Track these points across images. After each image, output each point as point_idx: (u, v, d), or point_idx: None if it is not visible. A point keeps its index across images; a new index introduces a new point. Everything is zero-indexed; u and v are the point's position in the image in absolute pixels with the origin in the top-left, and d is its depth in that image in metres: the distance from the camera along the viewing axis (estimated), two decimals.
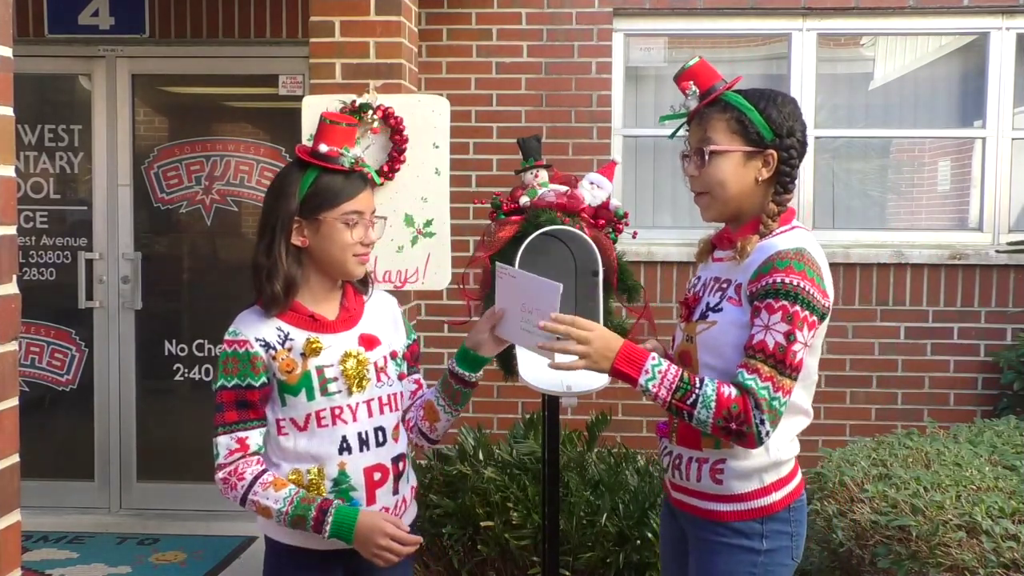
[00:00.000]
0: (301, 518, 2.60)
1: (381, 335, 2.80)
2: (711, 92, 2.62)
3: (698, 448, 2.60)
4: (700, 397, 2.43)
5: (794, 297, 2.43)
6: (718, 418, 2.42)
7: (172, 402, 6.37)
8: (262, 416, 2.69)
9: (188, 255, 6.41)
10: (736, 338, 2.50)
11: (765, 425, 2.41)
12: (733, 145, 2.57)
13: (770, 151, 2.57)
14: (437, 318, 5.82)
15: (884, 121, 6.27)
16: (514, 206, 3.70)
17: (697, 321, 2.61)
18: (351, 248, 2.70)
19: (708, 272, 2.70)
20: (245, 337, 2.68)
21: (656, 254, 5.96)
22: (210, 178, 6.26)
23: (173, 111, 6.43)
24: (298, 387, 2.66)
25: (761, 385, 2.41)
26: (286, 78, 6.15)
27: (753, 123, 2.56)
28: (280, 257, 2.68)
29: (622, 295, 3.69)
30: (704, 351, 2.57)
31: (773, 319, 2.43)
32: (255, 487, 2.64)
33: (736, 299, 2.53)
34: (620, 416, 5.87)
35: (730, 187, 2.58)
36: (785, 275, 2.45)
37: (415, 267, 4.14)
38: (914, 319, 5.93)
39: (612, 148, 6.03)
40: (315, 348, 2.68)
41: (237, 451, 2.66)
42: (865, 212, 6.24)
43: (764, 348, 2.42)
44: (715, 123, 2.59)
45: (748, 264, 2.53)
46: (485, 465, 4.61)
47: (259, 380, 2.67)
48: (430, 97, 4.30)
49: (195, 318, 6.39)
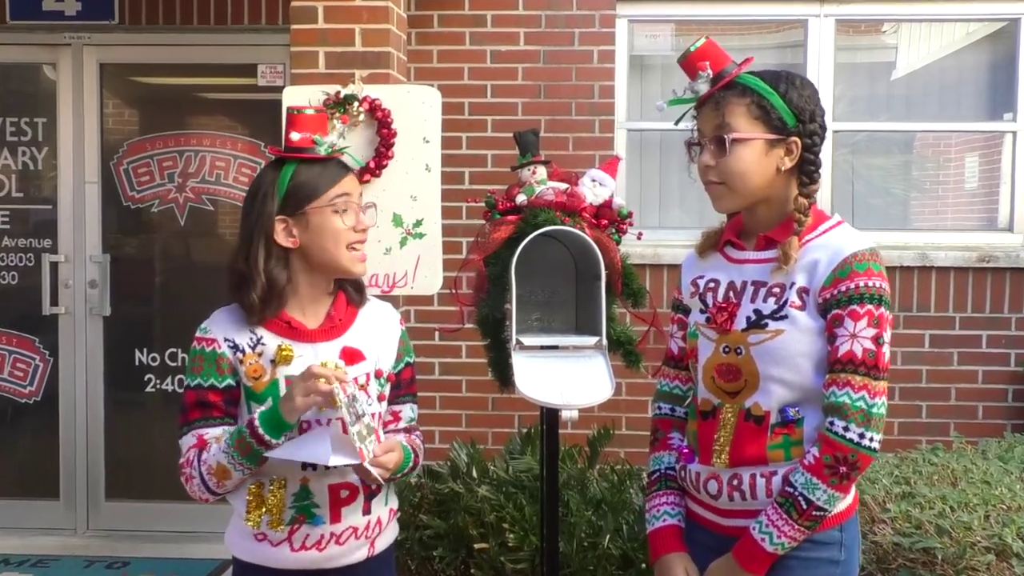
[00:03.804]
0: (241, 444, 2.59)
1: (368, 350, 2.79)
2: (724, 74, 2.60)
3: (763, 462, 2.54)
4: (803, 491, 2.44)
5: (878, 300, 2.46)
6: (832, 479, 2.43)
7: (143, 415, 6.36)
8: (226, 415, 2.71)
9: (160, 257, 6.39)
10: (809, 346, 2.50)
11: (868, 437, 2.43)
12: (755, 132, 2.55)
13: (793, 138, 2.56)
14: (427, 325, 5.81)
15: (907, 114, 6.27)
16: (510, 205, 3.69)
17: (749, 330, 2.55)
18: (345, 236, 2.71)
19: (737, 274, 2.64)
20: (214, 336, 2.73)
21: (663, 256, 5.95)
22: (184, 175, 6.24)
23: (144, 103, 6.42)
24: (264, 395, 2.67)
25: (855, 397, 2.42)
26: (265, 68, 6.14)
27: (775, 108, 2.55)
28: (256, 262, 2.69)
29: (626, 300, 3.69)
30: (769, 363, 2.53)
31: (859, 326, 2.44)
32: (202, 461, 2.66)
33: (800, 304, 2.51)
34: (624, 430, 5.87)
35: (751, 178, 2.56)
36: (867, 278, 2.46)
37: (404, 270, 4.14)
38: (939, 326, 5.93)
39: (615, 143, 6.03)
40: (286, 356, 2.69)
41: (194, 447, 2.70)
42: (887, 211, 6.24)
43: (853, 358, 2.44)
44: (734, 108, 2.56)
45: (806, 266, 2.52)
46: (479, 483, 4.61)
47: (223, 382, 2.70)
48: (420, 88, 4.30)
49: (168, 325, 6.38)
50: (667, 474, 2.79)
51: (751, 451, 2.55)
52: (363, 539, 2.77)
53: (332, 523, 2.71)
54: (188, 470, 2.70)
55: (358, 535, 2.76)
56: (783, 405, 2.53)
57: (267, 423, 2.57)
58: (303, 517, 2.70)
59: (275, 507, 2.68)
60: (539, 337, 3.50)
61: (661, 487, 2.79)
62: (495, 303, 3.58)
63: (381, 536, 2.84)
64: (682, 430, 2.82)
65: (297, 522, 2.70)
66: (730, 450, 2.58)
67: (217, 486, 2.68)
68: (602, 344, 3.41)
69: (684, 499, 2.76)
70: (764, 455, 2.54)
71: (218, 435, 2.68)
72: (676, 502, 2.76)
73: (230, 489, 2.70)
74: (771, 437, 2.53)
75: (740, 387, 2.56)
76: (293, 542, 2.71)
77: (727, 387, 2.59)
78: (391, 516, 2.88)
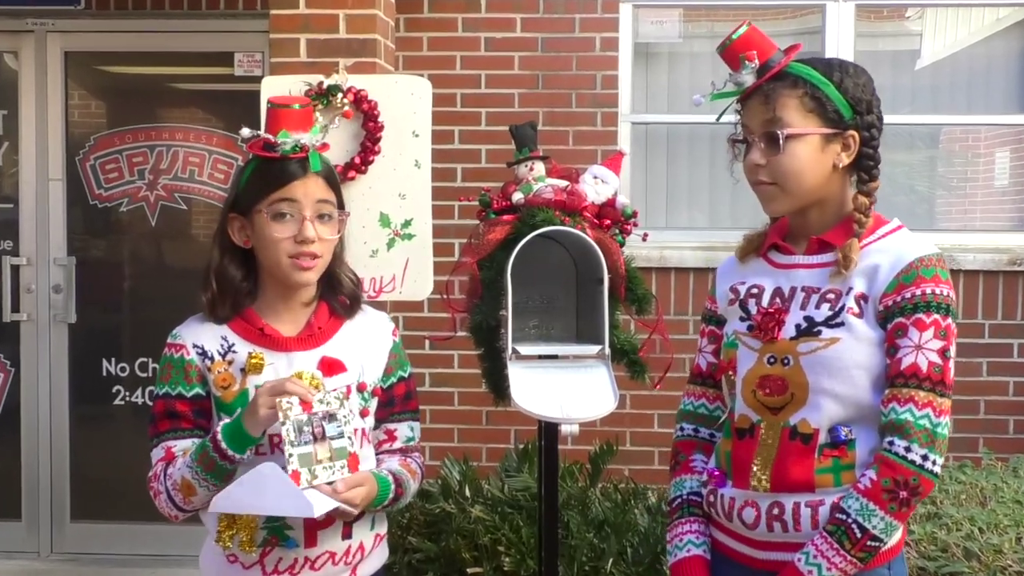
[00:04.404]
0: (204, 459, 2.59)
1: (350, 361, 2.78)
2: (771, 64, 2.55)
3: (808, 487, 2.47)
4: (857, 517, 2.37)
5: (946, 309, 2.42)
6: (891, 505, 2.37)
7: (111, 429, 6.35)
8: (195, 426, 2.72)
9: (130, 260, 6.40)
10: (866, 358, 2.45)
11: (931, 460, 2.38)
12: (809, 127, 2.50)
13: (851, 132, 2.53)
14: (417, 333, 5.81)
15: (933, 106, 6.28)
16: (506, 204, 3.69)
17: (799, 338, 2.50)
18: (282, 247, 2.68)
19: (784, 279, 2.59)
20: (183, 342, 2.75)
21: (670, 259, 5.95)
22: (155, 171, 6.25)
23: (113, 95, 6.42)
24: (233, 406, 2.67)
25: (919, 415, 2.37)
26: (243, 56, 6.15)
27: (830, 99, 2.51)
28: (211, 259, 2.76)
29: (631, 306, 3.68)
30: (821, 375, 2.47)
31: (925, 336, 2.40)
32: (168, 475, 2.68)
33: (858, 311, 2.46)
34: (628, 446, 5.87)
35: (808, 177, 2.51)
36: (935, 285, 2.42)
37: (391, 274, 4.14)
38: (967, 334, 5.92)
39: (619, 137, 6.04)
40: (256, 364, 2.69)
41: (162, 460, 2.72)
42: (911, 210, 6.24)
43: (917, 372, 2.39)
44: (786, 101, 2.51)
45: (865, 271, 2.47)
46: (472, 503, 4.61)
47: (191, 391, 2.71)
48: (409, 78, 4.30)
49: (138, 333, 6.38)
50: (690, 500, 2.72)
51: (796, 474, 2.47)
52: (342, 565, 2.75)
53: (307, 547, 2.69)
54: (156, 484, 2.71)
55: (336, 561, 2.74)
56: (834, 423, 2.47)
57: (230, 436, 2.57)
58: (275, 539, 2.68)
59: (246, 527, 2.66)
60: (537, 346, 3.50)
61: (684, 514, 2.72)
62: (489, 309, 3.57)
63: (365, 562, 2.82)
64: (706, 452, 2.76)
65: (269, 544, 2.68)
66: (771, 472, 2.51)
67: (184, 502, 2.69)
68: (605, 353, 3.41)
69: (709, 527, 2.70)
70: (811, 479, 2.46)
71: (186, 448, 2.69)
72: (701, 531, 2.69)
73: (198, 506, 2.70)
74: (819, 459, 2.46)
75: (785, 401, 2.50)
76: (266, 565, 2.70)
77: (770, 401, 2.52)
78: (377, 542, 2.86)
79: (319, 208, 2.72)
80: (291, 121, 2.76)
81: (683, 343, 4.91)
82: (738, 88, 2.59)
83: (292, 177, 2.70)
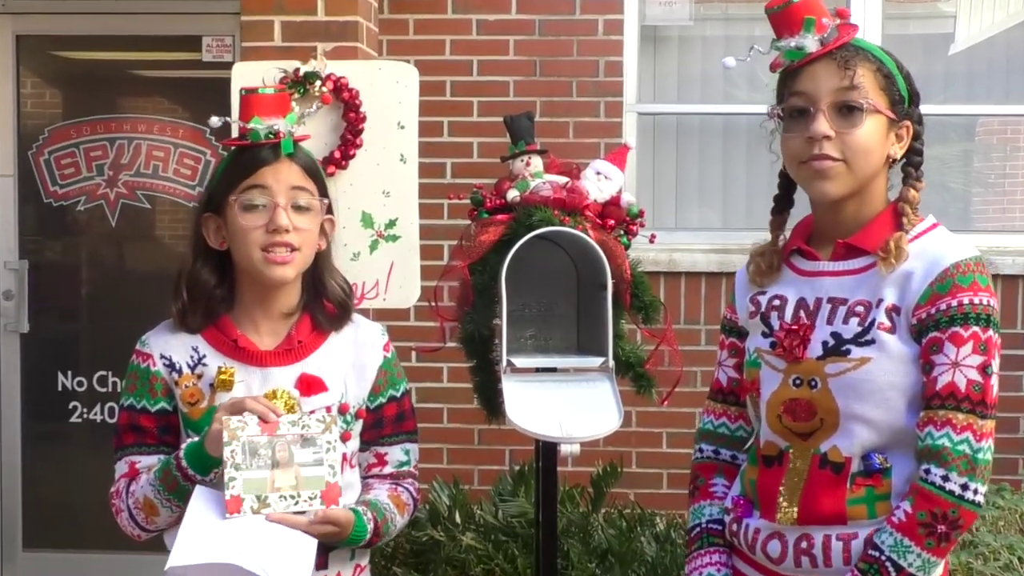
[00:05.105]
0: (168, 479, 2.61)
1: (331, 380, 2.79)
2: (832, 35, 2.49)
3: (840, 520, 2.45)
4: (891, 554, 2.35)
5: (986, 320, 2.40)
6: (928, 540, 2.34)
7: (67, 449, 6.35)
8: (161, 443, 2.74)
9: (88, 264, 6.40)
10: (901, 377, 2.43)
11: (972, 489, 2.34)
12: (882, 104, 2.47)
13: (906, 122, 2.52)
14: (402, 344, 5.78)
15: (968, 95, 6.29)
16: (500, 202, 3.70)
17: (826, 358, 2.48)
18: (253, 237, 2.67)
19: (808, 289, 2.56)
20: (150, 351, 2.77)
21: (680, 263, 5.96)
22: (115, 167, 6.24)
23: (69, 82, 6.43)
24: (201, 424, 2.68)
25: (958, 439, 2.34)
26: (212, 40, 6.15)
27: (897, 83, 2.50)
28: (183, 264, 2.77)
29: (637, 315, 3.69)
30: (851, 399, 2.44)
31: (963, 352, 2.37)
32: (131, 492, 2.70)
33: (889, 326, 2.43)
34: (634, 468, 5.87)
35: (874, 159, 2.47)
36: (973, 294, 2.39)
37: (375, 279, 4.13)
38: (1007, 344, 5.87)
39: (624, 128, 6.05)
40: (225, 381, 2.70)
41: (125, 475, 2.74)
42: (944, 209, 6.24)
43: (955, 392, 2.36)
44: (864, 71, 2.47)
45: (897, 279, 2.44)
46: (463, 530, 4.61)
47: (156, 405, 2.74)
48: (394, 64, 4.30)
49: (96, 344, 6.38)
50: (710, 528, 2.71)
51: (827, 505, 2.45)
52: None
53: None
54: (117, 501, 2.74)
55: None
56: (867, 450, 2.44)
57: (192, 457, 2.59)
58: None
59: None
60: (534, 358, 3.50)
61: (704, 544, 2.70)
62: (482, 318, 3.58)
63: None
64: (728, 476, 2.74)
65: None
66: (800, 503, 2.49)
67: (146, 522, 2.71)
68: (608, 366, 3.41)
69: (732, 558, 2.68)
70: (843, 511, 2.44)
71: (151, 464, 2.70)
72: (723, 562, 2.67)
73: (161, 527, 2.72)
74: (851, 489, 2.44)
75: (814, 427, 2.48)
76: None
77: (798, 427, 2.50)
78: (357, 573, 2.86)
79: (294, 196, 2.71)
80: (264, 107, 2.76)
81: (694, 355, 4.93)
82: (799, 52, 2.51)
83: (262, 163, 2.70)
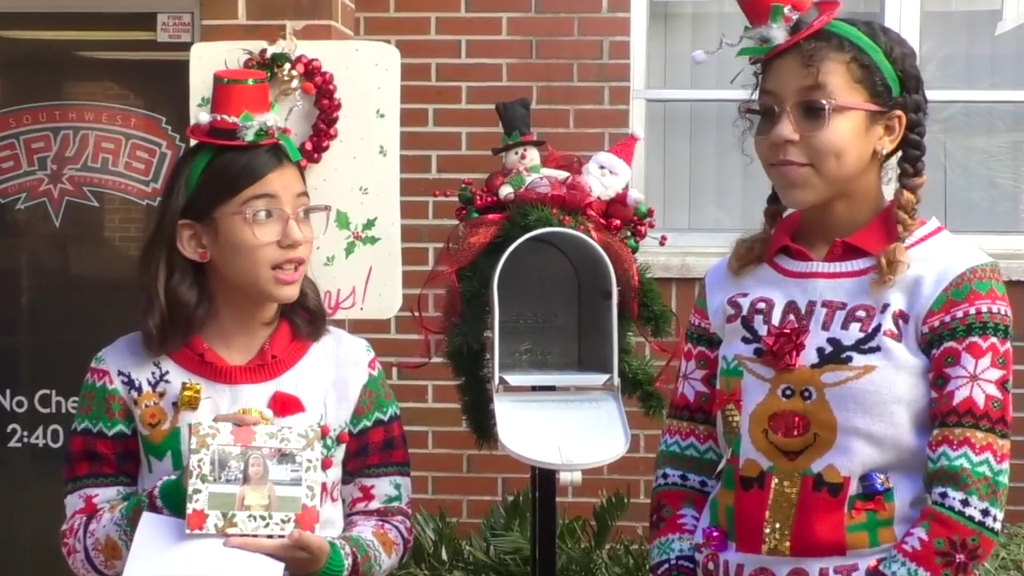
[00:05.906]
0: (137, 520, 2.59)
1: (309, 400, 2.78)
2: (807, 20, 2.51)
3: (838, 549, 2.46)
4: None
5: (1004, 331, 2.44)
6: (944, 571, 2.34)
7: (6, 477, 6.34)
8: (120, 472, 2.74)
9: (28, 269, 6.39)
10: (908, 390, 2.44)
11: (992, 515, 2.37)
12: (855, 100, 2.49)
13: (897, 112, 2.53)
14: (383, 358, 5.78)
15: (1018, 79, 6.29)
16: (492, 200, 3.70)
17: (823, 366, 2.49)
18: (263, 254, 2.67)
19: (799, 291, 2.58)
20: (107, 367, 2.76)
21: (693, 267, 5.95)
22: (59, 160, 6.22)
23: (8, 65, 6.42)
24: (163, 448, 2.68)
25: (977, 460, 2.36)
26: (167, 18, 6.13)
27: (879, 70, 2.51)
28: (156, 277, 2.71)
29: (645, 326, 3.69)
30: (852, 411, 2.45)
31: (982, 364, 2.40)
32: (89, 532, 2.68)
33: (896, 333, 2.46)
34: (642, 498, 5.84)
35: (848, 160, 2.49)
36: (991, 302, 2.44)
37: (351, 286, 4.13)
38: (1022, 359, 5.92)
39: (631, 117, 6.05)
40: (190, 397, 2.68)
41: (81, 511, 2.72)
42: (992, 208, 6.23)
43: (973, 408, 2.38)
44: (831, 65, 2.49)
45: (904, 284, 2.46)
46: (450, 568, 4.61)
47: (114, 428, 2.73)
48: (373, 45, 4.30)
49: (39, 359, 6.36)
50: (681, 566, 2.69)
51: (822, 533, 2.45)
52: None
53: None
54: (71, 541, 2.72)
55: None
56: (868, 470, 2.45)
57: (168, 497, 2.57)
58: None
59: None
60: (530, 375, 3.51)
61: None
62: (471, 330, 3.58)
63: None
64: (697, 506, 2.74)
65: None
66: (792, 532, 2.48)
67: (105, 565, 2.70)
68: (613, 384, 3.42)
69: None
70: (841, 539, 2.45)
71: (112, 499, 2.68)
72: None
73: (120, 571, 2.69)
74: (850, 515, 2.44)
75: (806, 443, 2.48)
76: None
77: (786, 444, 2.50)
78: None
79: (300, 203, 2.74)
80: (243, 100, 2.74)
81: None
82: (765, 45, 2.56)
83: (267, 168, 2.69)
